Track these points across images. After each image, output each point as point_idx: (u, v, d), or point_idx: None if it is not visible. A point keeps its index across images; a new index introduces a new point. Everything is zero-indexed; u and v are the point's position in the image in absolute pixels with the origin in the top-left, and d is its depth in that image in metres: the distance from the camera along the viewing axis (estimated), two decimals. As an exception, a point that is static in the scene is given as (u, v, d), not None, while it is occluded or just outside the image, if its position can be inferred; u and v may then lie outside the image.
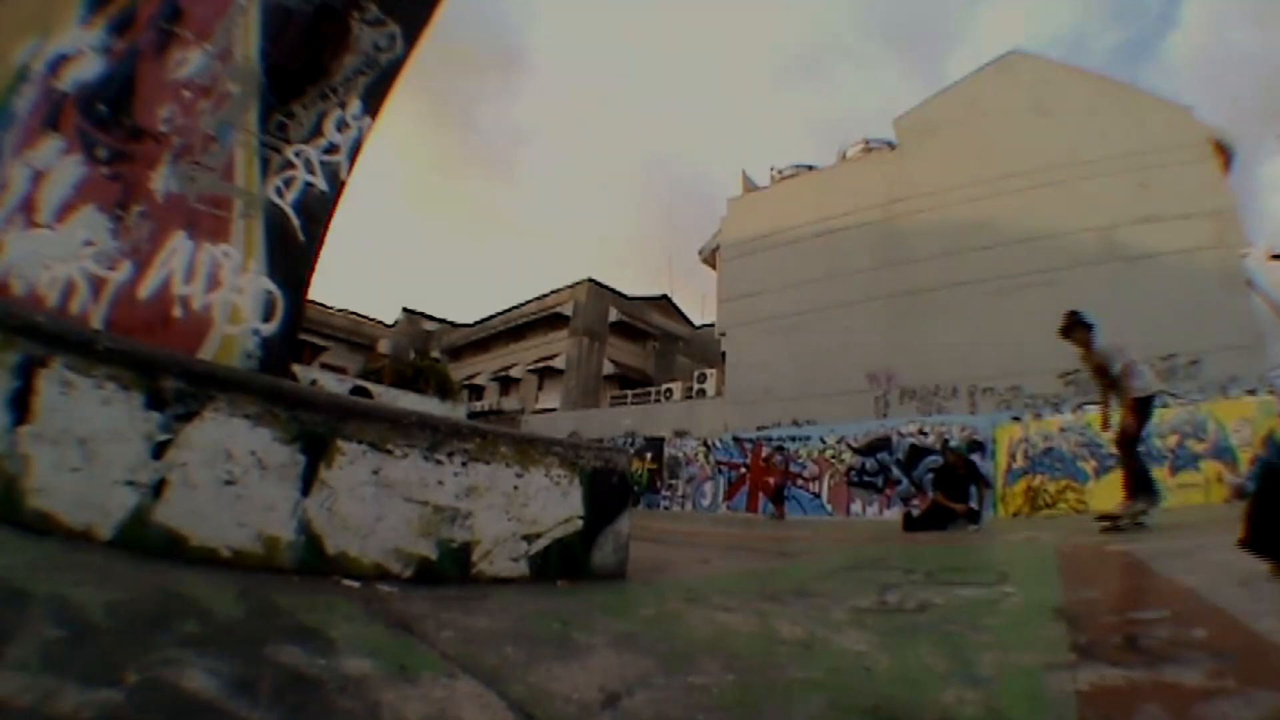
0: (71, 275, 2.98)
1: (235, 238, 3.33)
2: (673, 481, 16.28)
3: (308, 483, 1.70)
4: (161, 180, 3.24)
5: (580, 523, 2.10)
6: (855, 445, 13.43)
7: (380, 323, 35.93)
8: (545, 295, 31.52)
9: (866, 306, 17.63)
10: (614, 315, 29.91)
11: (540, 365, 29.60)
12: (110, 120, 3.17)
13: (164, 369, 1.69)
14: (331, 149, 3.60)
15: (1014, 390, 14.44)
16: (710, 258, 23.21)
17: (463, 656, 1.17)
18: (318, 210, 3.51)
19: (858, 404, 16.18)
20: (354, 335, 31.27)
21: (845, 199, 19.15)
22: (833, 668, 1.22)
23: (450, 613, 1.50)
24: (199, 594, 1.32)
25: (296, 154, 3.56)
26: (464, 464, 1.90)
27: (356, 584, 1.65)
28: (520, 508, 1.98)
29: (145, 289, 3.12)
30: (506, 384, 31.89)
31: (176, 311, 3.15)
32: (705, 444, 16.08)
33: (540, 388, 30.05)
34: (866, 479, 13.03)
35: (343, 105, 3.71)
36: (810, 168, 22.06)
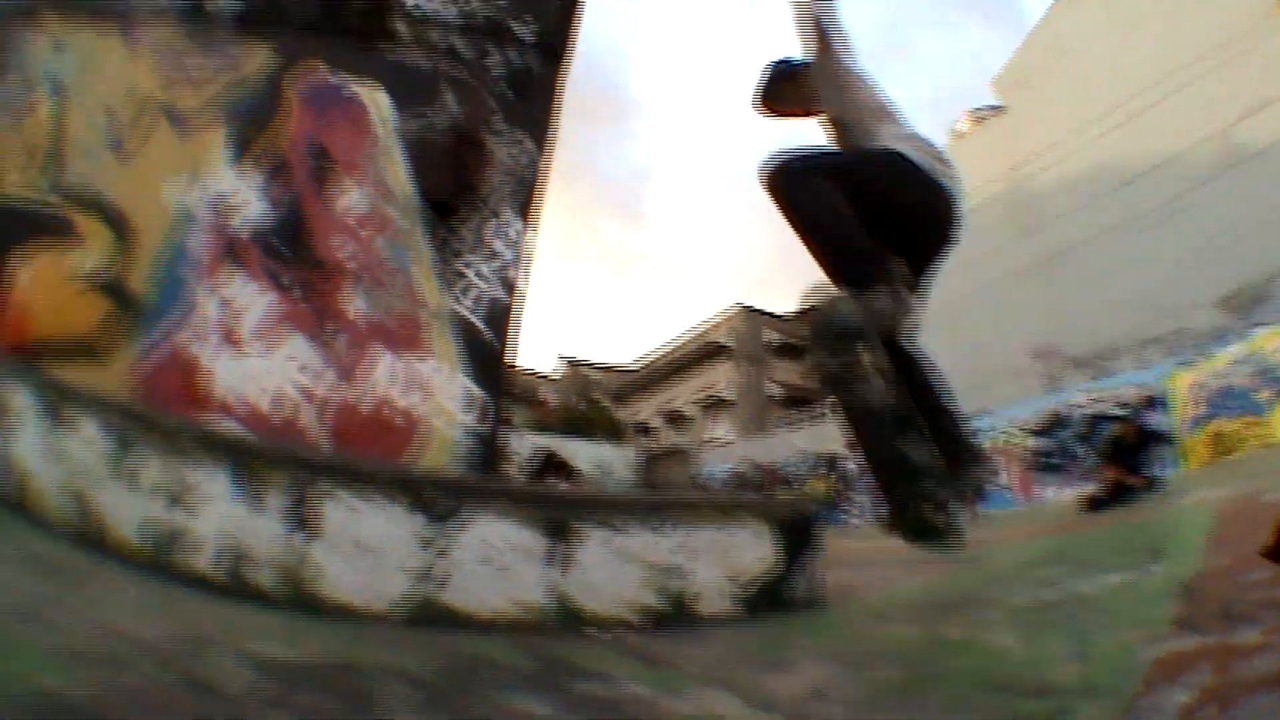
0: (286, 392, 3.74)
1: (430, 346, 3.91)
2: (853, 495, 16.16)
3: (552, 557, 2.20)
4: (351, 302, 3.95)
5: (776, 563, 2.50)
6: (1030, 428, 12.98)
7: (538, 374, 37.95)
8: (699, 328, 32.27)
9: (1014, 282, 17.20)
10: (771, 336, 30.06)
11: (705, 397, 30.29)
12: (289, 254, 3.95)
13: (422, 484, 2.27)
14: (497, 257, 4.20)
15: (1178, 334, 13.49)
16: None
17: (705, 676, 1.61)
18: (498, 316, 4.09)
19: (1026, 385, 15.67)
20: (514, 387, 33.34)
21: (967, 177, 18.45)
22: (979, 660, 1.54)
23: (684, 647, 1.94)
24: (491, 652, 1.79)
25: (467, 265, 4.16)
26: (675, 527, 2.37)
27: (602, 633, 2.12)
28: (725, 556, 2.41)
29: (357, 399, 3.79)
30: (675, 420, 32.90)
31: (389, 416, 3.74)
32: (882, 452, 15.81)
33: (709, 419, 30.70)
34: (1047, 461, 12.56)
35: (496, 215, 4.29)
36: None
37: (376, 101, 4.26)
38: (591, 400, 33.37)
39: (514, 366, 4.11)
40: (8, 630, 1.34)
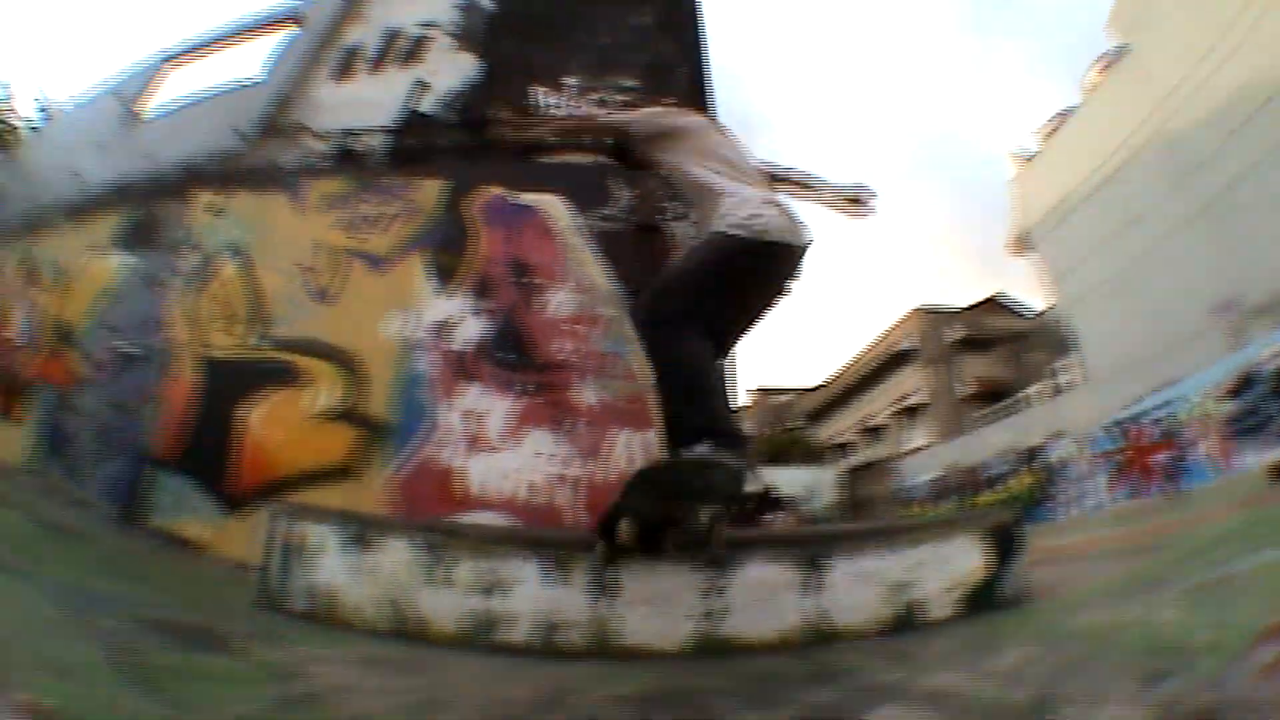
0: (538, 480, 4.12)
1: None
2: (1055, 488, 15.24)
3: (807, 586, 2.60)
4: (583, 394, 4.34)
5: (986, 569, 2.80)
6: (1220, 393, 11.85)
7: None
8: (880, 336, 31.86)
9: (1178, 237, 15.56)
10: (952, 333, 29.23)
11: (898, 406, 29.73)
12: (516, 361, 4.39)
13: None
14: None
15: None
16: (1017, 244, 22.10)
17: (938, 664, 2.08)
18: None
19: (1209, 346, 13.92)
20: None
21: (1111, 129, 17.25)
22: (1146, 633, 1.77)
23: (919, 646, 2.36)
24: (774, 667, 2.24)
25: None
26: (903, 548, 2.76)
27: (855, 643, 2.53)
28: (945, 568, 2.74)
29: (604, 476, 4.14)
30: (871, 433, 32.36)
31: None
32: (1078, 441, 14.90)
33: (904, 428, 30.08)
34: (1244, 424, 11.36)
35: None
36: (1064, 113, 20.45)
37: (555, 207, 4.74)
38: (786, 427, 33.27)
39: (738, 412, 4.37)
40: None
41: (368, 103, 6.27)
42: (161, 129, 8.71)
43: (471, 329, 4.51)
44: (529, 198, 4.90)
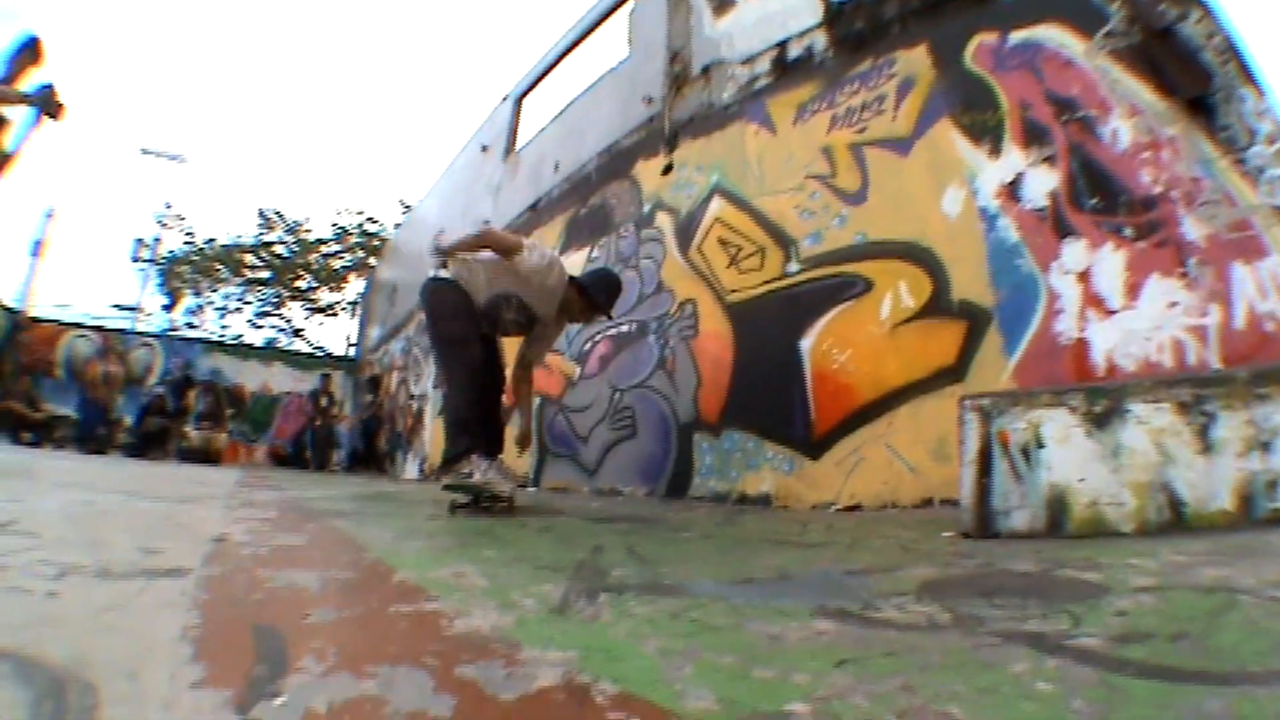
0: (1172, 337, 3.27)
1: (1271, 247, 3.33)
2: None
3: None
4: (1188, 230, 3.43)
5: None
6: None
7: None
8: None
9: None
10: None
11: None
12: (1103, 206, 3.58)
13: None
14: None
15: None
16: None
17: None
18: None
19: None
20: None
21: None
22: None
23: None
24: None
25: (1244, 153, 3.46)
26: None
27: None
28: None
29: (1235, 321, 3.20)
30: None
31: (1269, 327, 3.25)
32: None
33: None
34: None
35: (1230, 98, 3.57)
36: None
37: (1060, 36, 3.98)
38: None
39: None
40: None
41: (772, 17, 5.97)
42: (550, 142, 9.36)
43: (1040, 183, 3.81)
44: (1024, 34, 4.16)
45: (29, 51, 3.62)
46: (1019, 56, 4.17)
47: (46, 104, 3.65)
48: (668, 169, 6.21)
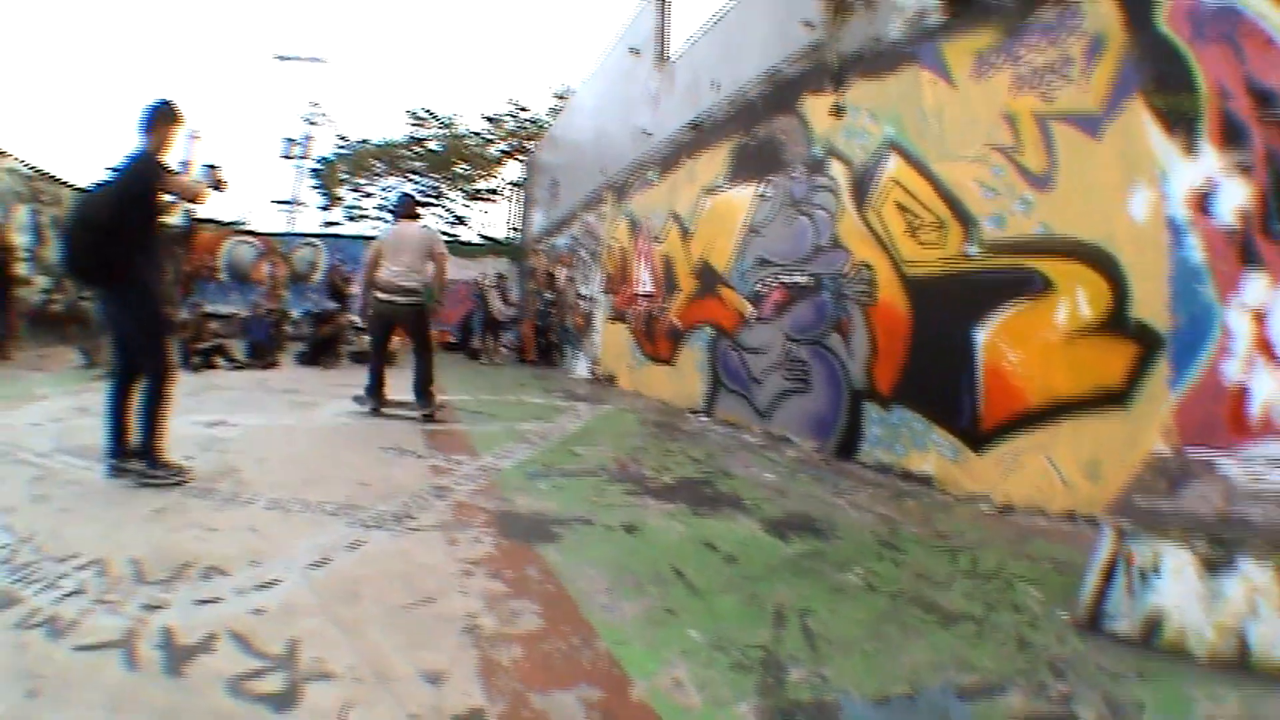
0: None
1: None
2: None
3: None
4: None
5: None
6: None
7: None
8: None
9: None
10: None
11: None
12: None
13: None
14: None
15: None
16: None
17: None
18: None
19: None
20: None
21: None
22: None
23: None
24: None
25: None
26: None
27: None
28: None
29: None
30: None
31: None
32: None
33: None
34: None
35: None
36: None
37: (1261, 7, 3.46)
38: None
39: None
40: None
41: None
42: (706, 56, 9.21)
43: (1232, 195, 3.51)
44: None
45: (167, 116, 3.98)
46: (1218, 25, 3.69)
47: (215, 185, 4.25)
48: (838, 110, 6.16)
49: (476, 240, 25.17)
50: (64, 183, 14.40)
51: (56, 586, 2.47)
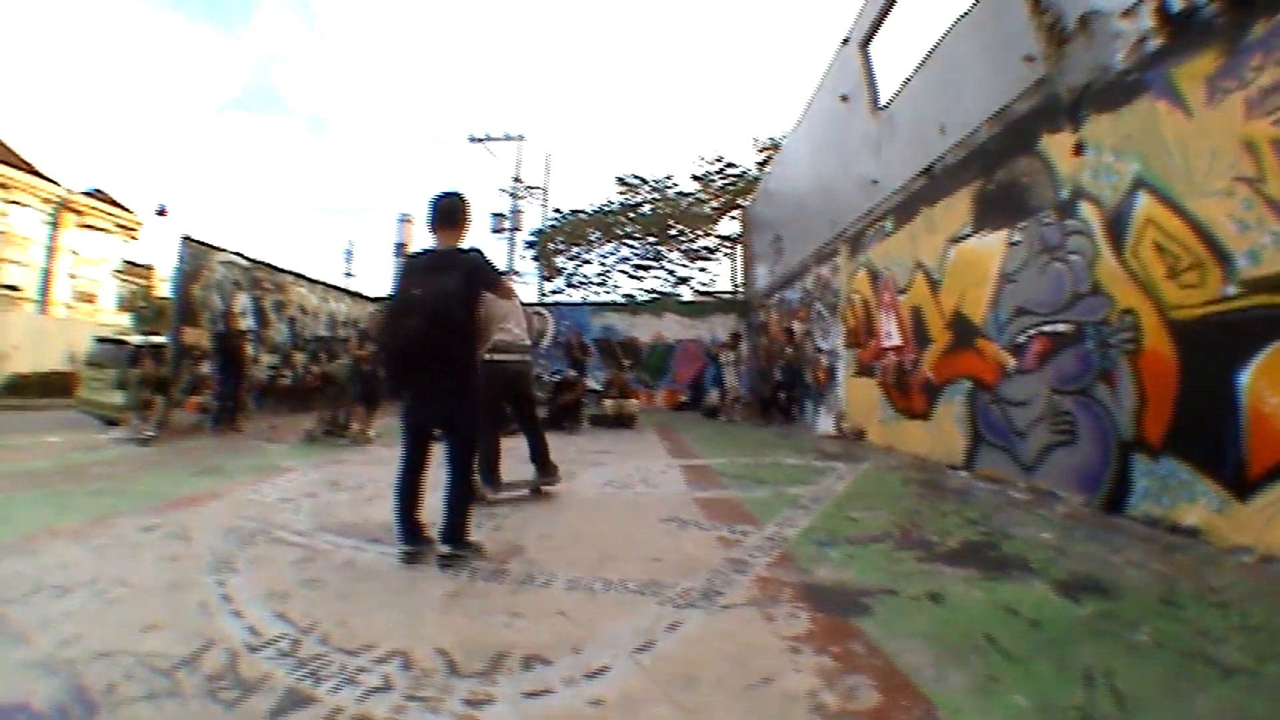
0: None
1: None
2: None
3: None
4: None
5: None
6: None
7: None
8: None
9: None
10: None
11: None
12: None
13: None
14: None
15: None
16: None
17: None
18: None
19: None
20: None
21: None
22: None
23: None
24: None
25: None
26: None
27: None
28: None
29: None
30: None
31: None
32: None
33: None
34: None
35: None
36: None
37: None
38: None
39: None
40: None
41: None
42: (923, 98, 9.24)
43: None
44: None
45: (469, 211, 4.20)
46: None
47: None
48: (1079, 148, 6.01)
49: (702, 299, 25.95)
50: (281, 270, 16.90)
51: (355, 682, 2.39)
